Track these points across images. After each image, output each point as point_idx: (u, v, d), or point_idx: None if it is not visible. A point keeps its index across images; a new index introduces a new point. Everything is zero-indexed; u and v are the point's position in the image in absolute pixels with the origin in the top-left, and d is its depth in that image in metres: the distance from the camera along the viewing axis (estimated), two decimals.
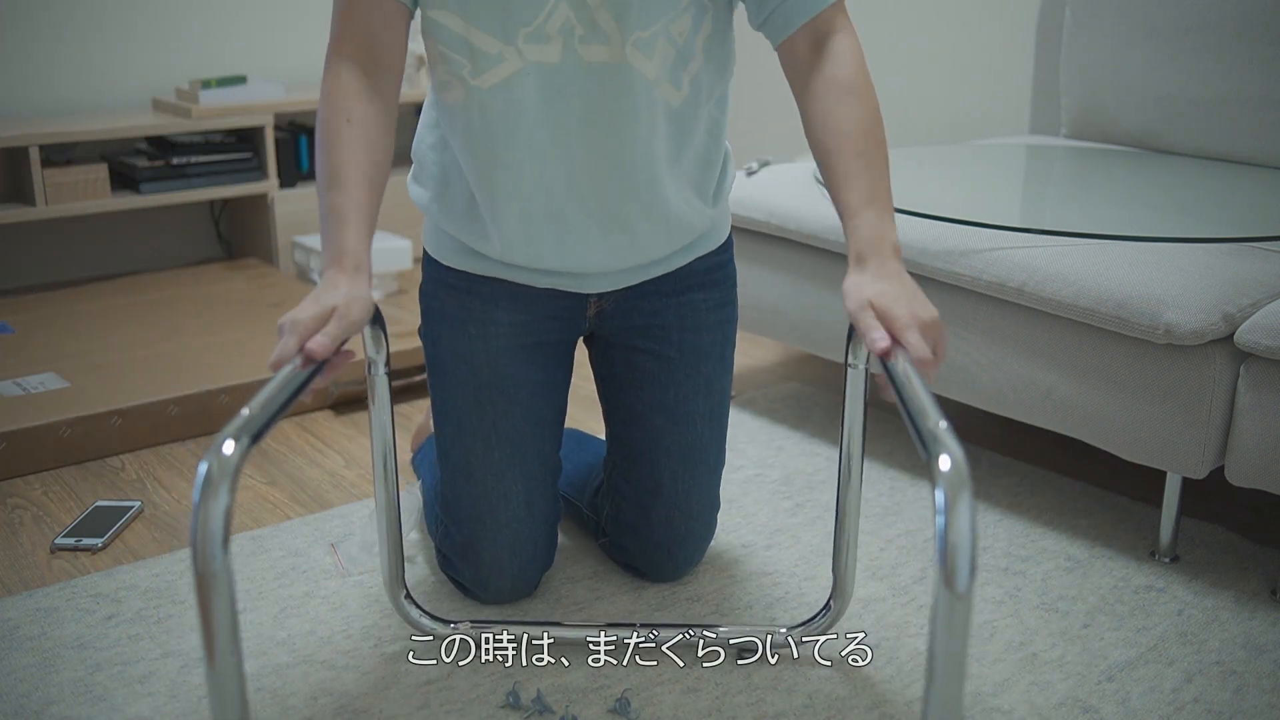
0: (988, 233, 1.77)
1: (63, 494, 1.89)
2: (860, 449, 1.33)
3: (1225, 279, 1.58)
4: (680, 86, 1.34)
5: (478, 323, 1.45)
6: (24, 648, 1.46)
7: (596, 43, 1.27)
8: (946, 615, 0.84)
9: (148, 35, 3.02)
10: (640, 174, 1.35)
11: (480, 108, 1.31)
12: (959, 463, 0.86)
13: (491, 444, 1.47)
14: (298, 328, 1.10)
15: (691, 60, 1.33)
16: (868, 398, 1.31)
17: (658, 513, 1.54)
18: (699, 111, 1.38)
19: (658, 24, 1.28)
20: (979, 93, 2.90)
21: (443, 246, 1.47)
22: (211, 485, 0.87)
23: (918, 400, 0.97)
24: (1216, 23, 2.16)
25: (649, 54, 1.29)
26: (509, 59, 1.28)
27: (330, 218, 1.21)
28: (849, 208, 1.22)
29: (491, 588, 1.52)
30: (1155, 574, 1.65)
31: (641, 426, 1.53)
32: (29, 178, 2.68)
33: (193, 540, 0.87)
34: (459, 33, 1.27)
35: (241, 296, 2.69)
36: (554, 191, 1.35)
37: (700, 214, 1.45)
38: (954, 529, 0.83)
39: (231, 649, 0.89)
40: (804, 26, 1.28)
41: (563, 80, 1.29)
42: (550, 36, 1.26)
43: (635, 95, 1.30)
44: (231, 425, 0.92)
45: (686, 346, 1.50)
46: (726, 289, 1.53)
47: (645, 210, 1.38)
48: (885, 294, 1.13)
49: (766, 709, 1.35)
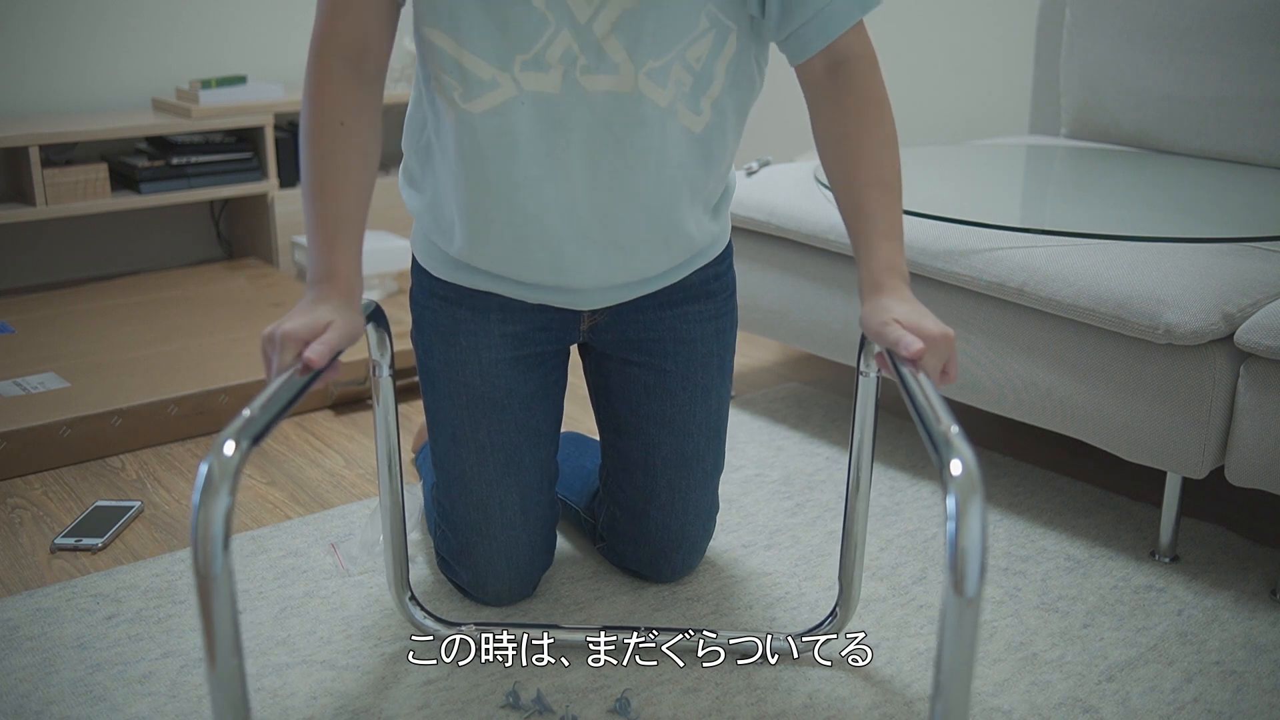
0: (988, 233, 1.77)
1: (63, 494, 1.88)
2: (870, 457, 1.32)
3: (1225, 279, 1.58)
4: (700, 112, 1.28)
5: (469, 334, 1.42)
6: (24, 648, 1.46)
7: (603, 73, 1.22)
8: (955, 620, 0.84)
9: (148, 35, 3.02)
10: (651, 202, 1.31)
11: (470, 132, 1.26)
12: (971, 468, 0.86)
13: (486, 455, 1.45)
14: (292, 338, 1.07)
15: (712, 84, 1.27)
16: (879, 406, 1.30)
17: (654, 519, 1.53)
18: (725, 136, 1.33)
19: (673, 51, 1.22)
20: (979, 93, 2.90)
21: (432, 257, 1.43)
22: (212, 486, 0.87)
23: (929, 404, 0.97)
24: (1216, 23, 2.16)
25: (663, 83, 1.24)
26: (503, 85, 1.22)
27: (320, 230, 1.17)
28: (865, 239, 1.23)
29: (489, 590, 1.52)
30: (1155, 574, 1.65)
31: (636, 436, 1.51)
32: (29, 178, 2.68)
33: (193, 541, 0.87)
34: (451, 54, 1.22)
35: (241, 296, 2.69)
36: (547, 221, 1.30)
37: (706, 231, 1.42)
38: (965, 534, 0.83)
39: (232, 650, 0.89)
40: (823, 49, 1.25)
41: (562, 111, 1.23)
42: (550, 65, 1.21)
43: (648, 125, 1.25)
44: (232, 426, 0.92)
45: (682, 359, 1.48)
46: (724, 298, 1.50)
47: (651, 234, 1.35)
48: (909, 314, 1.14)
49: (766, 709, 1.35)
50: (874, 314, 1.17)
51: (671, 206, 1.33)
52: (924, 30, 2.97)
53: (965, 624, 0.84)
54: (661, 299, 1.46)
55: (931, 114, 3.00)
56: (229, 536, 0.87)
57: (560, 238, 1.32)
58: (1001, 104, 2.85)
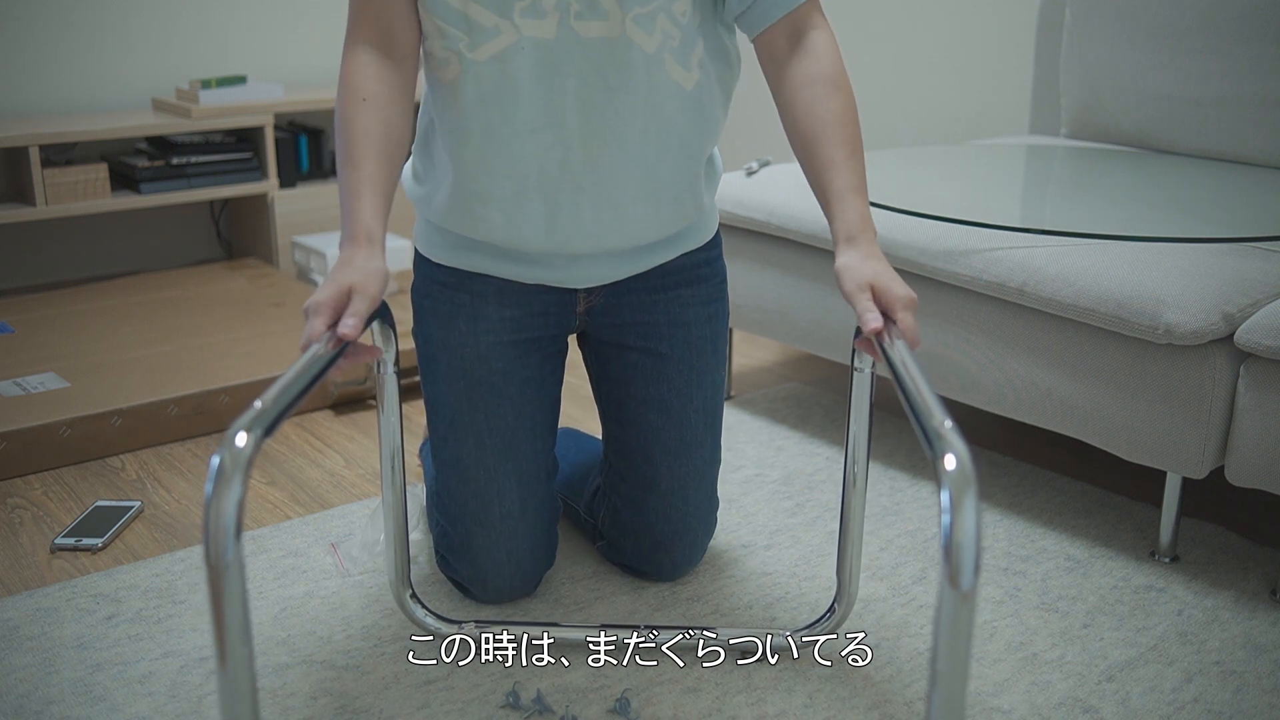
0: (988, 233, 1.77)
1: (63, 494, 1.89)
2: (866, 453, 1.33)
3: (1225, 279, 1.58)
4: (690, 69, 1.36)
5: (468, 318, 1.46)
6: (24, 648, 1.46)
7: (594, 19, 1.29)
8: (951, 614, 0.84)
9: (148, 35, 3.02)
10: (637, 149, 1.37)
11: (475, 81, 1.32)
12: (964, 461, 0.86)
13: (484, 440, 1.47)
14: (320, 308, 1.14)
15: (696, 44, 1.35)
16: (873, 401, 1.31)
17: (654, 509, 1.54)
18: (714, 103, 1.41)
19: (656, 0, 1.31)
20: (979, 93, 2.90)
21: (432, 243, 1.48)
22: (225, 477, 0.87)
23: (923, 399, 0.97)
24: (1216, 23, 2.16)
25: (649, 30, 1.31)
26: (505, 32, 1.30)
27: (346, 194, 1.25)
28: (835, 192, 1.29)
29: (490, 586, 1.52)
30: (1155, 574, 1.65)
31: (635, 423, 1.53)
32: (29, 178, 2.68)
33: (205, 532, 0.87)
34: (456, 6, 1.29)
35: (241, 296, 2.69)
36: (547, 168, 1.36)
37: (694, 197, 1.46)
38: (959, 527, 0.84)
39: (243, 640, 0.89)
40: (781, 21, 1.33)
41: (558, 56, 1.31)
42: (546, 11, 1.29)
43: (634, 69, 1.32)
44: (244, 417, 0.91)
45: (678, 341, 1.51)
46: (715, 285, 1.54)
47: (639, 188, 1.39)
48: (880, 275, 1.21)
49: (766, 709, 1.35)
50: (848, 271, 1.23)
51: (660, 160, 1.39)
52: (924, 30, 2.97)
53: (961, 618, 0.84)
54: (654, 282, 1.50)
55: (931, 114, 3.00)
56: (241, 528, 0.87)
57: (555, 186, 1.37)
58: (1001, 104, 2.85)
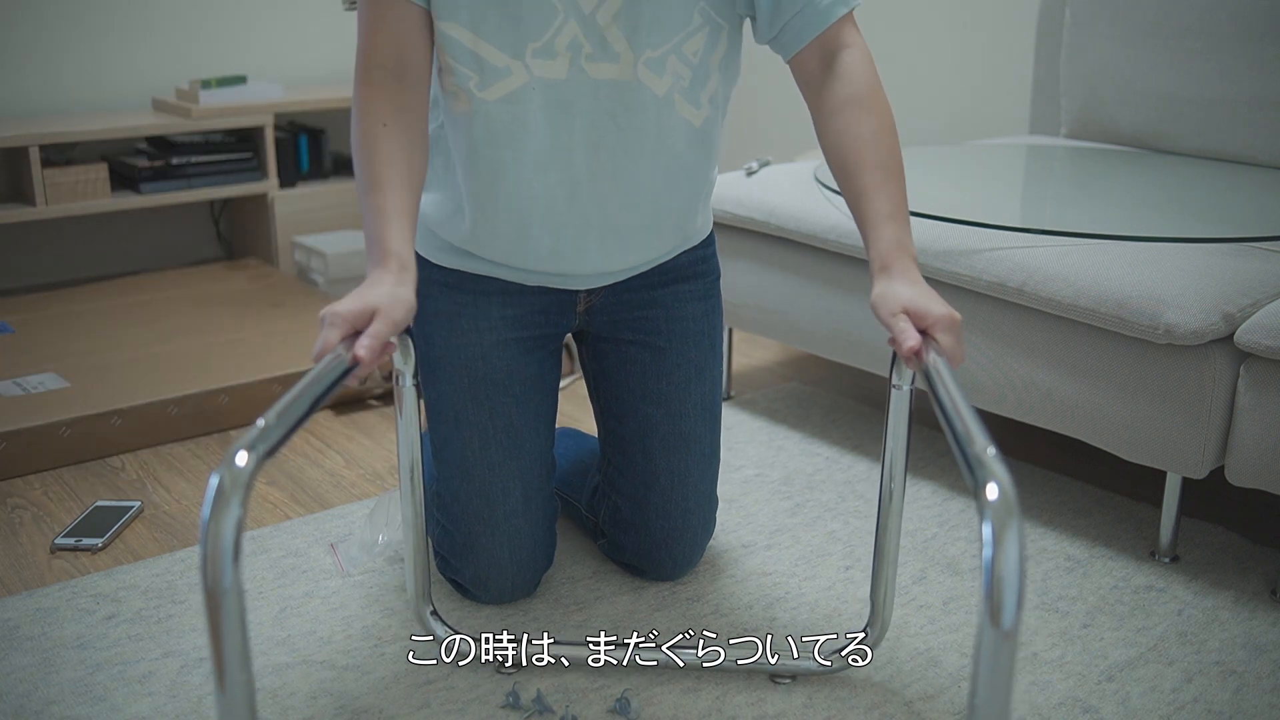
0: (988, 233, 1.77)
1: (63, 494, 1.89)
2: (904, 472, 1.27)
3: (1225, 279, 1.58)
4: (700, 106, 1.36)
5: (470, 317, 1.47)
6: (24, 648, 1.46)
7: (605, 61, 1.29)
8: (991, 653, 0.79)
9: (148, 35, 3.02)
10: (645, 184, 1.37)
11: (485, 120, 1.33)
12: (1007, 492, 0.81)
13: (489, 438, 1.48)
14: (339, 320, 1.10)
15: (709, 80, 1.35)
16: (912, 419, 1.26)
17: (654, 505, 1.55)
18: (719, 127, 1.41)
19: (669, 43, 1.30)
20: (979, 93, 2.90)
21: (432, 246, 1.49)
22: (223, 498, 0.83)
23: (963, 422, 0.92)
24: (1216, 23, 2.16)
25: (659, 72, 1.31)
26: (516, 73, 1.30)
27: (373, 218, 1.22)
28: (871, 220, 1.24)
29: (492, 586, 1.52)
30: (1155, 574, 1.65)
31: (634, 418, 1.54)
32: (29, 178, 2.68)
33: (201, 555, 0.83)
34: (468, 45, 1.29)
35: (241, 296, 2.69)
36: (554, 205, 1.37)
37: (695, 218, 1.49)
38: (1001, 562, 0.78)
39: (242, 666, 0.85)
40: (813, 42, 1.31)
41: (569, 97, 1.31)
42: (558, 52, 1.29)
43: (644, 110, 1.32)
44: (246, 436, 0.88)
45: (676, 335, 1.52)
46: (711, 280, 1.56)
47: (647, 223, 1.41)
48: (916, 299, 1.16)
49: (766, 709, 1.35)
50: (883, 301, 1.18)
51: (667, 192, 1.40)
52: (924, 30, 2.97)
53: (1002, 657, 0.79)
54: (652, 279, 1.51)
55: (931, 114, 3.00)
56: (239, 550, 0.84)
57: (562, 222, 1.38)
58: (1001, 104, 2.85)
